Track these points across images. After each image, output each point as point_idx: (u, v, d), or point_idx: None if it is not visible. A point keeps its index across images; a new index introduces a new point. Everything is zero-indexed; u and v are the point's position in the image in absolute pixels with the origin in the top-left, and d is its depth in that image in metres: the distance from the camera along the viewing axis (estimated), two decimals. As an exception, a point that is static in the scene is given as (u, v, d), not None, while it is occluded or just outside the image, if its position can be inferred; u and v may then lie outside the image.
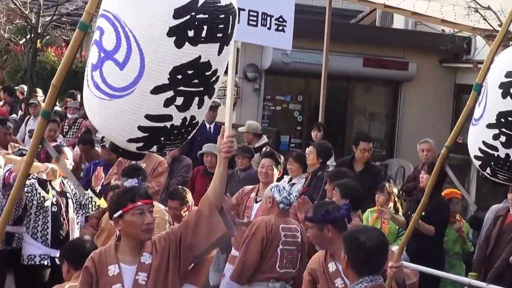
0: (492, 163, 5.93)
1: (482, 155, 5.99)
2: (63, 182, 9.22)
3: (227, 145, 5.26)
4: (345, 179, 9.20)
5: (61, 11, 25.61)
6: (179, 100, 4.18)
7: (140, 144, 4.36)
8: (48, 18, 25.06)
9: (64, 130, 16.30)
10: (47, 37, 26.26)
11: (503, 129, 5.72)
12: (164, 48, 4.03)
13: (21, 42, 25.63)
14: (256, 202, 9.45)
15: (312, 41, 17.71)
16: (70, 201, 9.15)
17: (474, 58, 19.25)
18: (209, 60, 4.16)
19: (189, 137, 4.58)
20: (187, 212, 8.38)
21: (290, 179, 11.21)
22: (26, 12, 24.32)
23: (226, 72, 4.85)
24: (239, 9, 5.70)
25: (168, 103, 4.16)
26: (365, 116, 21.43)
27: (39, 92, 20.92)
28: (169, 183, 11.90)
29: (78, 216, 9.43)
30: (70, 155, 9.73)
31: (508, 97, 5.64)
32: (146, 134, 4.26)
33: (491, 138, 5.79)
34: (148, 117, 4.18)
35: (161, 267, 5.43)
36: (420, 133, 15.27)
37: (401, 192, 11.69)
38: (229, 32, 4.22)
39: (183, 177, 12.44)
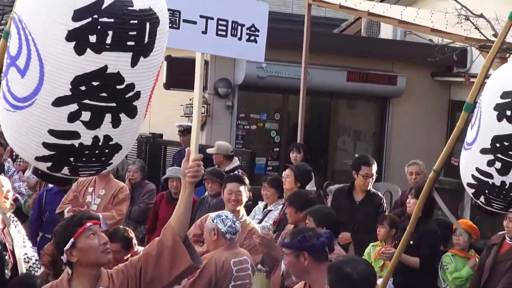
0: (487, 191, 5.98)
1: (476, 183, 6.03)
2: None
3: (193, 169, 5.29)
4: (304, 200, 9.48)
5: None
6: (86, 115, 4.04)
7: (49, 164, 4.24)
8: None
9: (14, 153, 16.20)
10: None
11: (498, 155, 5.74)
12: (64, 54, 3.89)
13: None
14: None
15: (291, 52, 17.76)
16: (16, 235, 8.85)
17: (469, 71, 19.35)
18: (119, 72, 3.98)
19: (111, 162, 4.41)
20: (130, 257, 8.02)
21: (266, 206, 11.18)
22: None
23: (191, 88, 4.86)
24: (207, 18, 5.77)
25: (72, 118, 4.02)
26: (349, 135, 21.50)
27: None
28: (130, 210, 11.77)
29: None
30: (5, 182, 9.39)
31: (504, 119, 5.64)
32: (52, 153, 4.15)
33: (485, 164, 5.82)
34: (52, 132, 4.07)
35: None
36: (410, 155, 15.35)
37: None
38: (145, 42, 4.03)
39: (145, 204, 12.53)
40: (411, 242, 9.86)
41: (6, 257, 8.59)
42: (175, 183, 11.92)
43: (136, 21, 3.96)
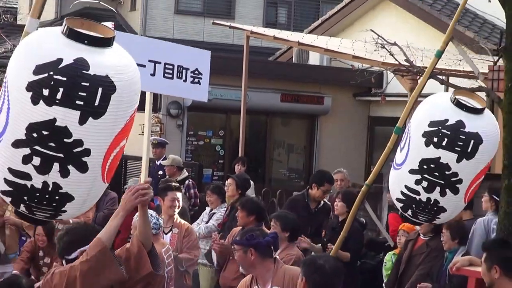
0: (414, 205, 6.02)
1: (404, 198, 6.06)
2: None
3: (145, 191, 5.07)
4: (255, 205, 9.38)
5: None
6: (36, 160, 3.90)
7: (10, 199, 4.10)
8: None
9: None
10: (-23, 79, 25.81)
11: (425, 175, 5.81)
12: (23, 102, 3.82)
13: None
14: (166, 233, 9.26)
15: (232, 78, 17.72)
16: None
17: (385, 92, 19.54)
18: (66, 126, 3.85)
19: (64, 209, 4.18)
20: None
21: (211, 210, 11.21)
22: None
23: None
24: (155, 62, 5.71)
25: (25, 160, 3.90)
26: (284, 148, 21.45)
27: None
28: (96, 216, 11.64)
29: None
30: None
31: (431, 145, 5.72)
32: (11, 189, 4.01)
33: (413, 183, 5.89)
34: (10, 170, 3.94)
35: None
36: (335, 164, 15.29)
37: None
38: (96, 104, 3.86)
39: (109, 210, 12.14)
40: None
41: None
42: None
43: (87, 84, 3.82)
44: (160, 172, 14.05)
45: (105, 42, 3.97)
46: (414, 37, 14.97)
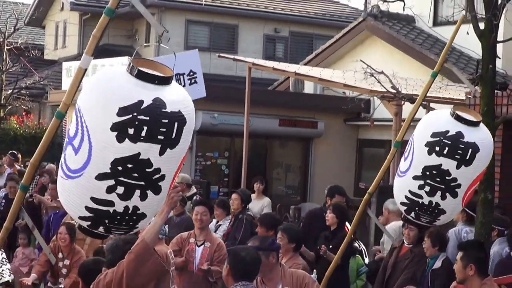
0: (417, 208, 6.15)
1: (408, 202, 6.19)
2: None
3: (175, 192, 5.00)
4: (272, 220, 9.57)
5: (21, 85, 25.84)
6: (120, 189, 3.98)
7: (88, 223, 4.19)
8: (9, 91, 25.28)
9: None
10: (9, 107, 26.31)
11: (428, 181, 5.94)
12: (108, 140, 3.87)
13: None
14: (198, 246, 9.20)
15: (236, 105, 17.66)
16: None
17: (372, 116, 19.53)
18: (149, 158, 3.95)
19: (137, 226, 4.35)
20: None
21: (217, 222, 11.20)
22: None
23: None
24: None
25: (110, 190, 3.97)
26: (282, 168, 21.43)
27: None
28: None
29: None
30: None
31: (434, 154, 5.84)
32: (91, 215, 4.09)
33: (417, 188, 6.01)
34: (93, 199, 4.01)
35: None
36: (328, 181, 15.14)
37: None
38: (173, 136, 3.97)
39: None
40: (331, 246, 9.80)
41: None
42: None
43: (166, 121, 3.90)
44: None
45: (169, 80, 4.05)
46: (399, 68, 14.95)
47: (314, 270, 9.24)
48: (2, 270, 8.52)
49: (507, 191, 11.75)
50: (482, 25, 9.25)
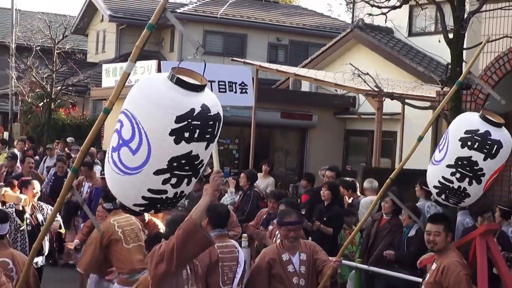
0: (447, 191, 6.22)
1: (440, 186, 6.24)
2: (33, 206, 9.00)
3: (218, 176, 4.96)
4: (279, 194, 9.77)
5: (68, 83, 25.99)
6: (173, 180, 4.01)
7: (142, 208, 4.23)
8: (58, 88, 25.47)
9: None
10: (58, 101, 26.43)
11: (459, 169, 6.01)
12: (166, 143, 3.88)
13: (40, 105, 26.02)
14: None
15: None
16: (40, 217, 8.90)
17: (358, 110, 19.49)
18: (198, 154, 3.99)
19: (178, 203, 4.40)
20: None
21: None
22: (44, 84, 25.09)
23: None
24: (211, 81, 5.74)
25: (165, 182, 4.00)
26: (282, 152, 21.33)
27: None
28: None
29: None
30: (37, 185, 9.39)
31: (466, 147, 5.93)
32: (147, 202, 4.11)
33: (449, 174, 6.08)
34: (150, 190, 4.03)
35: None
36: (320, 164, 15.20)
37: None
38: (215, 133, 4.04)
39: None
40: (325, 218, 9.87)
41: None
42: None
43: (212, 122, 3.95)
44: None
45: (204, 87, 4.07)
46: (380, 70, 14.88)
47: (309, 238, 9.17)
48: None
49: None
50: (451, 35, 9.22)
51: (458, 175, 5.99)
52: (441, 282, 5.99)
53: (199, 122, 3.88)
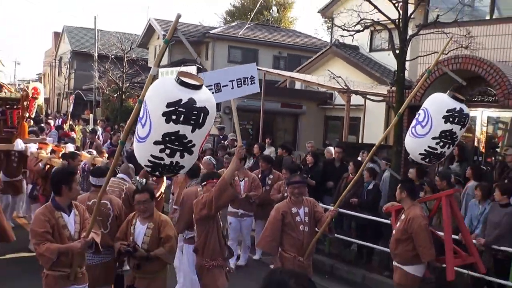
0: (432, 156, 5.50)
1: (426, 153, 5.50)
2: None
3: (241, 149, 5.05)
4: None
5: (134, 81, 26.01)
6: (167, 151, 3.70)
7: (150, 169, 3.90)
8: (127, 84, 25.57)
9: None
10: (127, 93, 26.35)
11: (443, 139, 5.37)
12: (160, 122, 3.60)
13: (115, 96, 26.06)
14: (240, 181, 8.68)
15: (257, 95, 16.55)
16: None
17: (334, 102, 19.56)
18: (185, 134, 3.65)
19: (178, 173, 3.99)
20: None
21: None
22: (117, 81, 24.82)
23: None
24: (232, 80, 5.45)
25: (161, 151, 3.70)
26: (282, 131, 21.18)
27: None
28: None
29: None
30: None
31: (448, 122, 5.31)
32: (151, 165, 3.81)
33: (434, 144, 5.41)
34: (152, 156, 3.75)
35: None
36: (307, 139, 15.30)
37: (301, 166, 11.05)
38: (200, 122, 3.66)
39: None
40: (309, 176, 9.94)
41: None
42: None
43: (196, 112, 3.62)
44: (223, 141, 13.95)
45: (200, 86, 3.72)
46: (349, 75, 14.95)
47: None
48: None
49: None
50: (397, 51, 9.32)
51: (441, 144, 5.40)
52: (407, 229, 5.68)
53: (184, 110, 3.57)
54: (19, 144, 9.25)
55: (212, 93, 4.63)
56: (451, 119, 5.29)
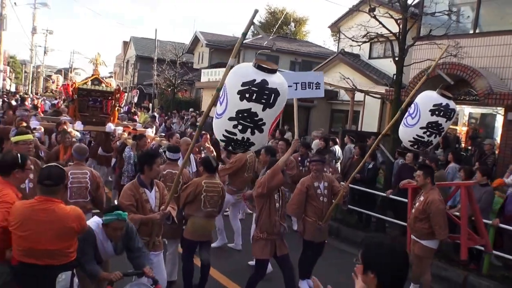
0: (419, 143, 5.14)
1: (414, 140, 5.13)
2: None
3: (297, 143, 4.72)
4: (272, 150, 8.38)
5: (183, 79, 26.12)
6: (240, 127, 3.39)
7: (224, 144, 3.57)
8: (179, 81, 25.94)
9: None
10: (178, 88, 26.56)
11: (429, 129, 5.02)
12: (235, 99, 3.31)
13: (168, 90, 26.45)
14: None
15: None
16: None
17: (340, 98, 19.09)
18: (256, 112, 3.32)
19: (249, 149, 3.59)
20: None
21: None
22: (171, 78, 24.96)
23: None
24: (296, 83, 5.08)
25: (234, 126, 3.40)
26: (300, 122, 20.75)
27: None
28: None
29: None
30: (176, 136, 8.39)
31: (434, 115, 4.96)
32: (225, 139, 3.46)
33: (422, 133, 5.03)
34: (226, 131, 3.44)
35: None
36: (316, 127, 15.05)
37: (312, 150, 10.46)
38: (271, 101, 3.30)
39: None
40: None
41: None
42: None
43: (267, 92, 3.28)
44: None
45: (274, 71, 3.36)
46: (354, 77, 14.49)
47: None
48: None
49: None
50: (396, 58, 8.92)
51: (428, 133, 5.08)
52: (426, 209, 5.37)
53: (256, 89, 3.26)
54: (109, 127, 9.30)
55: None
56: (437, 112, 4.99)
